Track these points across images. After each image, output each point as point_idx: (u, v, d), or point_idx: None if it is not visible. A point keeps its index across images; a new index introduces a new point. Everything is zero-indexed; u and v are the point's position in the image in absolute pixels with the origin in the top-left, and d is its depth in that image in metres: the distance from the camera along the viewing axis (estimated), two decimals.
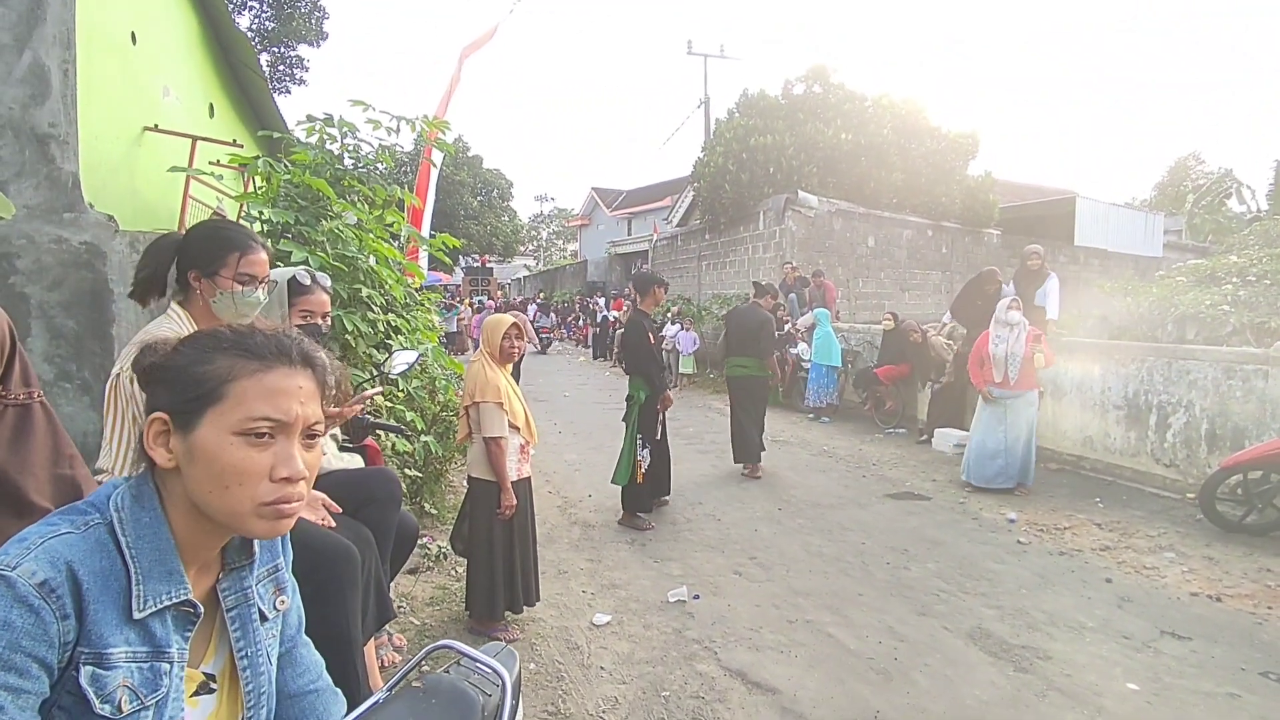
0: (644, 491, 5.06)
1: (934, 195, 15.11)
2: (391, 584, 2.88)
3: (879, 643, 3.32)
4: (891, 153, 14.43)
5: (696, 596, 3.82)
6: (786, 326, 10.61)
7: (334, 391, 0.95)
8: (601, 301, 19.40)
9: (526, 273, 43.41)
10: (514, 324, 3.35)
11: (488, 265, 34.06)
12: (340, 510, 2.18)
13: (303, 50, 18.61)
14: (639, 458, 5.00)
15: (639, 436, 5.04)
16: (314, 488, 2.07)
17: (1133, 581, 4.05)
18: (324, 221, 3.75)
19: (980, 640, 3.36)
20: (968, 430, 7.04)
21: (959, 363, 7.20)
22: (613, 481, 5.17)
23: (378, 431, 3.05)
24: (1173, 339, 11.77)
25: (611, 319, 17.66)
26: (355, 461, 2.64)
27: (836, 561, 4.34)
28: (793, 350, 9.97)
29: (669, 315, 14.28)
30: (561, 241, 50.66)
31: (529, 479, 3.51)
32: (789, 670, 3.10)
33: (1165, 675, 3.04)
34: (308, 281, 2.37)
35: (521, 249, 45.02)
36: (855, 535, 4.80)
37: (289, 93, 18.88)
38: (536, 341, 13.97)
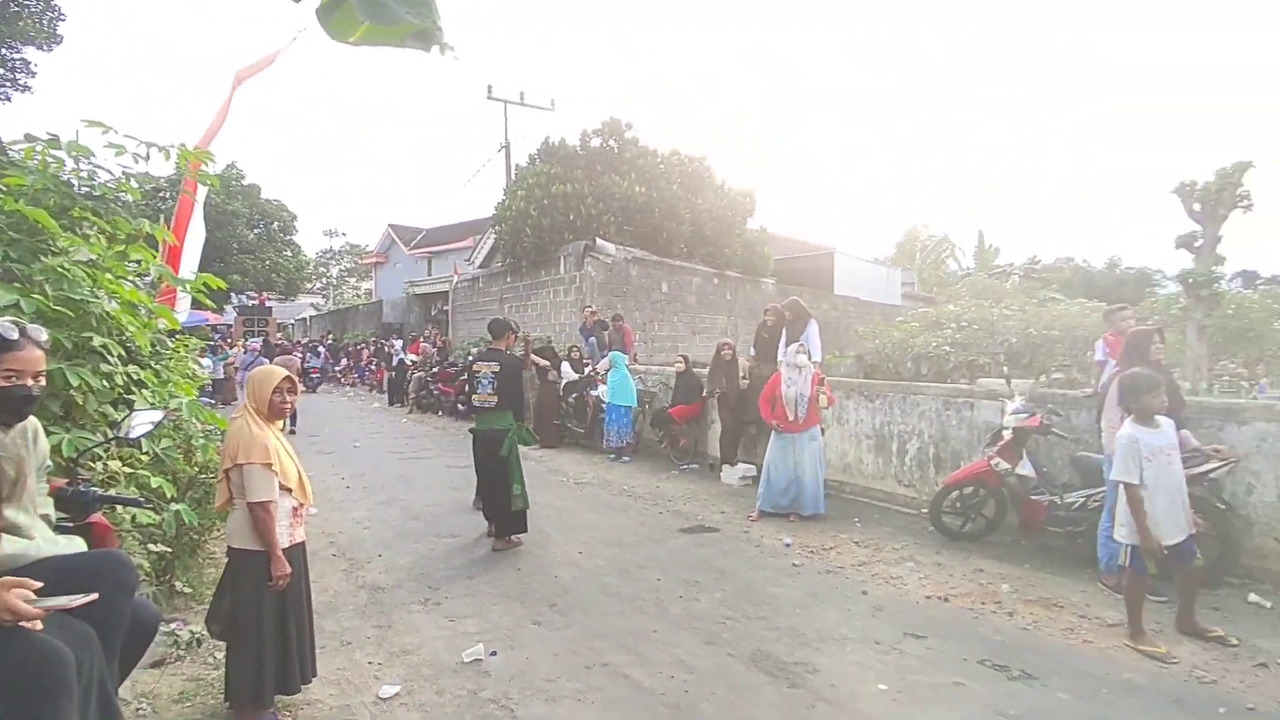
0: (520, 513, 5.59)
1: (718, 246, 16.50)
2: (125, 683, 2.46)
3: (671, 677, 3.45)
4: (681, 206, 15.55)
5: (494, 653, 3.71)
6: (586, 369, 10.86)
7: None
8: (398, 344, 18.42)
9: (314, 312, 40.04)
10: (286, 377, 3.08)
11: (266, 304, 30.93)
12: (45, 605, 1.83)
13: (30, 53, 16.01)
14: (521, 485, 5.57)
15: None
16: (23, 578, 1.73)
17: (883, 591, 4.63)
18: (43, 258, 3.20)
19: (760, 662, 3.62)
20: (752, 463, 7.67)
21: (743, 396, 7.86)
22: (514, 510, 5.56)
23: (108, 506, 2.62)
24: (912, 375, 13.86)
25: (409, 362, 16.84)
26: (76, 545, 2.24)
27: (633, 600, 4.46)
28: (593, 393, 10.21)
29: (469, 358, 13.95)
30: (354, 279, 47.54)
31: (303, 544, 3.21)
32: (585, 717, 3.11)
33: (908, 673, 3.49)
34: (14, 335, 2.01)
35: (308, 286, 41.53)
36: (651, 572, 4.98)
37: (8, 99, 16.03)
38: (306, 384, 13.03)
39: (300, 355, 19.31)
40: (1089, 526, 4.81)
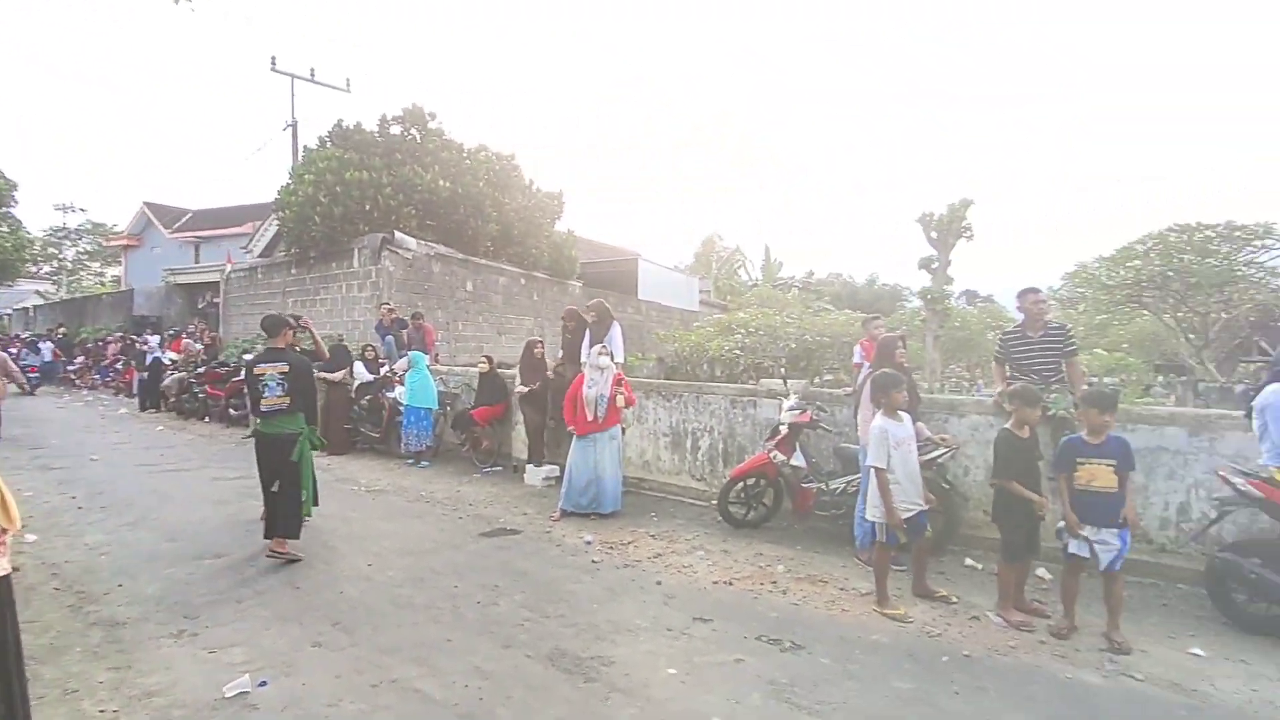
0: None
1: (526, 247, 16.39)
2: None
3: (465, 686, 3.35)
4: (488, 204, 15.22)
5: (263, 683, 3.35)
6: (383, 369, 10.22)
7: None
8: (154, 340, 15.94)
9: (40, 301, 33.46)
10: None
11: None
12: None
13: None
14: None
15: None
16: None
17: (676, 580, 4.88)
18: None
19: (558, 660, 3.64)
20: (557, 463, 7.70)
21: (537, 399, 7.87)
22: (305, 515, 5.40)
23: None
24: (707, 376, 14.80)
25: (166, 361, 14.68)
26: None
27: (427, 610, 4.27)
28: (389, 394, 9.64)
29: (246, 358, 12.50)
30: (98, 264, 40.40)
31: (7, 577, 2.66)
32: None
33: (695, 655, 3.71)
34: None
35: (32, 269, 34.62)
36: (448, 579, 4.80)
37: None
38: (24, 383, 10.85)
39: (14, 351, 16.07)
40: (848, 509, 5.46)
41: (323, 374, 8.73)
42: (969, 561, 5.18)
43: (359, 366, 10.09)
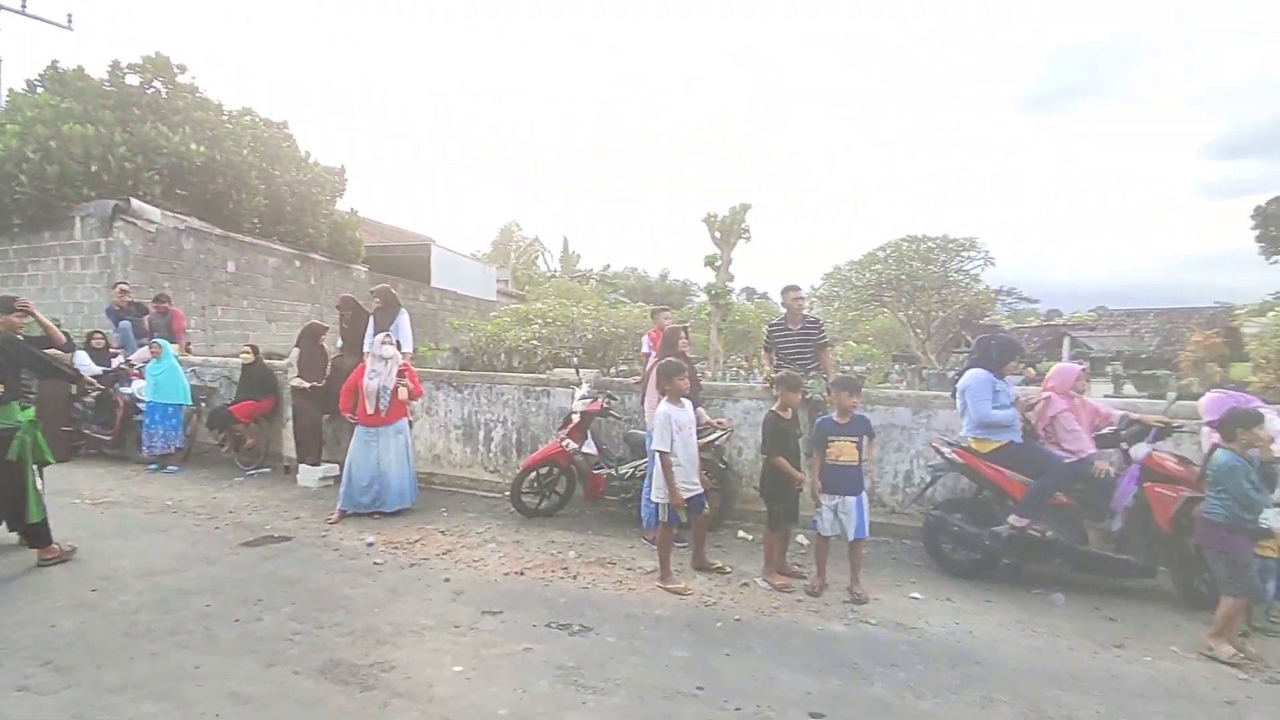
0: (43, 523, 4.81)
1: (301, 225, 14.90)
2: None
3: (217, 715, 2.98)
4: (254, 175, 13.58)
5: None
6: (117, 360, 8.72)
7: None
8: None
9: None
10: None
11: None
12: None
13: None
14: (39, 487, 4.83)
15: (34, 465, 4.83)
16: None
17: (465, 575, 4.75)
18: None
19: (331, 672, 3.37)
20: (337, 463, 7.12)
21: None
22: (30, 521, 4.79)
23: None
24: (505, 366, 14.58)
25: None
26: None
27: (173, 636, 3.73)
28: (125, 389, 8.25)
29: None
30: None
31: None
32: None
33: (483, 649, 3.65)
34: None
35: None
36: (200, 598, 4.23)
37: None
38: None
39: None
40: (636, 492, 5.70)
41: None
42: (742, 534, 5.66)
43: (81, 357, 8.50)
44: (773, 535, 4.69)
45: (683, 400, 4.75)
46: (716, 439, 5.55)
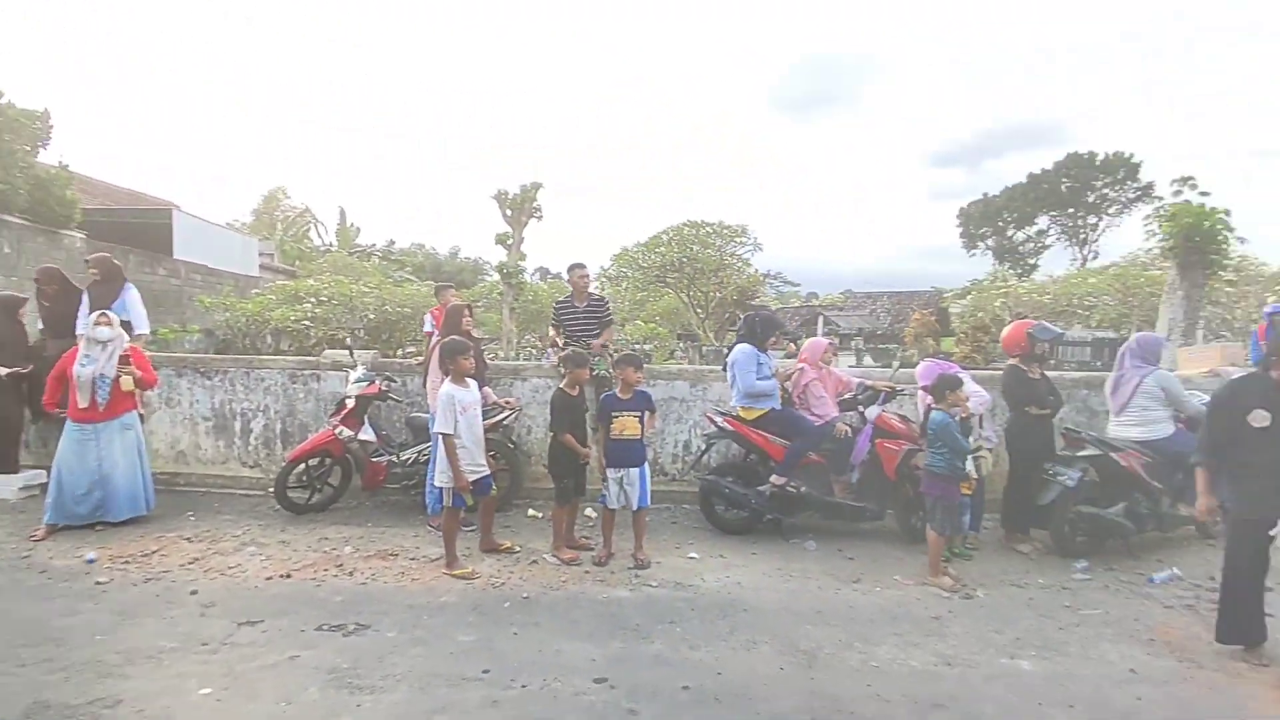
0: None
1: None
2: None
3: None
4: None
5: None
6: None
7: None
8: None
9: None
10: None
11: None
12: None
13: None
14: None
15: None
16: None
17: (218, 585, 4.21)
18: None
19: (40, 716, 2.81)
20: (45, 469, 5.90)
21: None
22: None
23: None
24: (272, 350, 13.09)
25: None
26: None
27: None
28: None
29: None
30: None
31: None
32: None
33: (238, 665, 3.26)
34: None
35: None
36: None
37: None
38: None
39: None
40: (420, 478, 5.44)
41: None
42: (531, 512, 5.66)
43: None
44: (560, 510, 4.75)
45: (467, 380, 4.60)
46: (504, 419, 5.47)
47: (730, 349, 5.60)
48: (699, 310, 19.35)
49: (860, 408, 5.39)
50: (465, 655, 3.38)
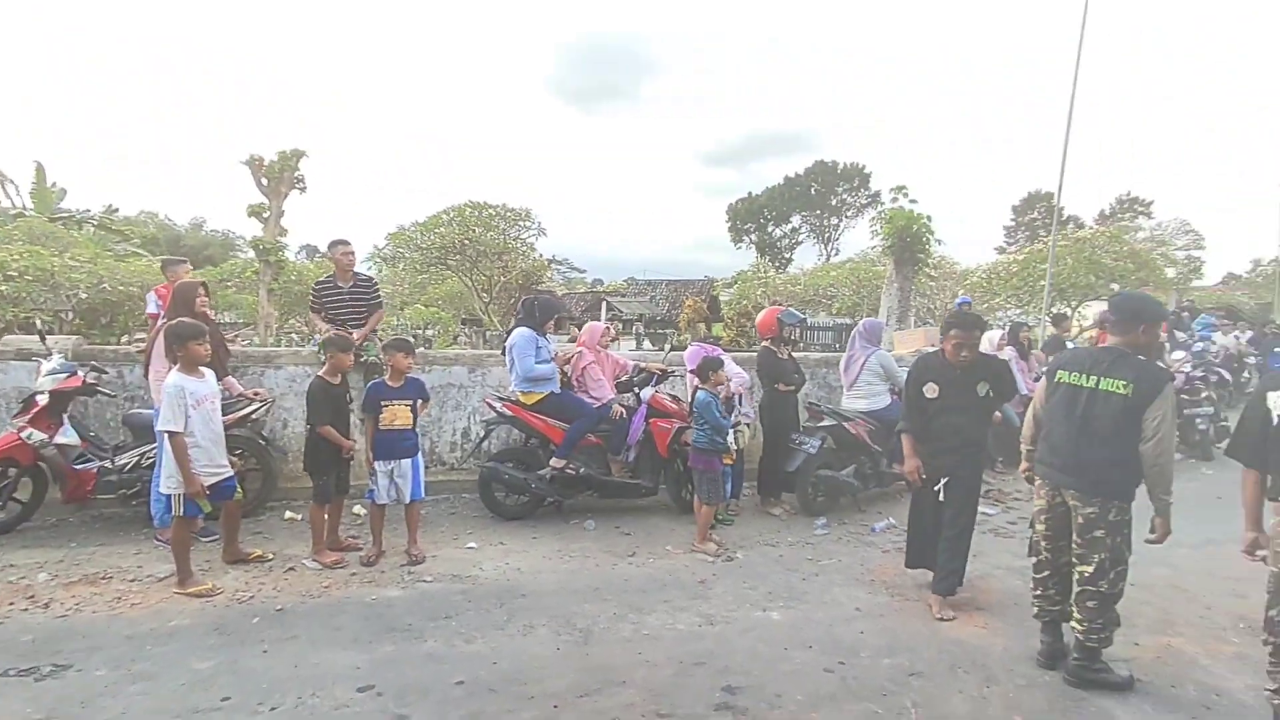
0: None
1: None
2: None
3: None
4: None
5: None
6: None
7: None
8: None
9: None
10: None
11: None
12: None
13: None
14: None
15: None
16: None
17: None
18: None
19: None
20: None
21: None
22: None
23: None
24: None
25: None
26: None
27: None
28: None
29: None
30: None
31: None
32: None
33: None
34: None
35: None
36: None
37: None
38: None
39: None
40: (143, 485, 4.64)
41: None
42: (289, 514, 5.12)
43: None
44: (319, 510, 4.34)
45: (201, 370, 4.01)
46: (252, 412, 4.86)
47: (508, 333, 5.51)
48: (484, 294, 18.86)
49: (635, 389, 5.62)
50: (202, 685, 2.96)
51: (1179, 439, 8.08)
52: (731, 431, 5.06)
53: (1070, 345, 8.22)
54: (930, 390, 3.85)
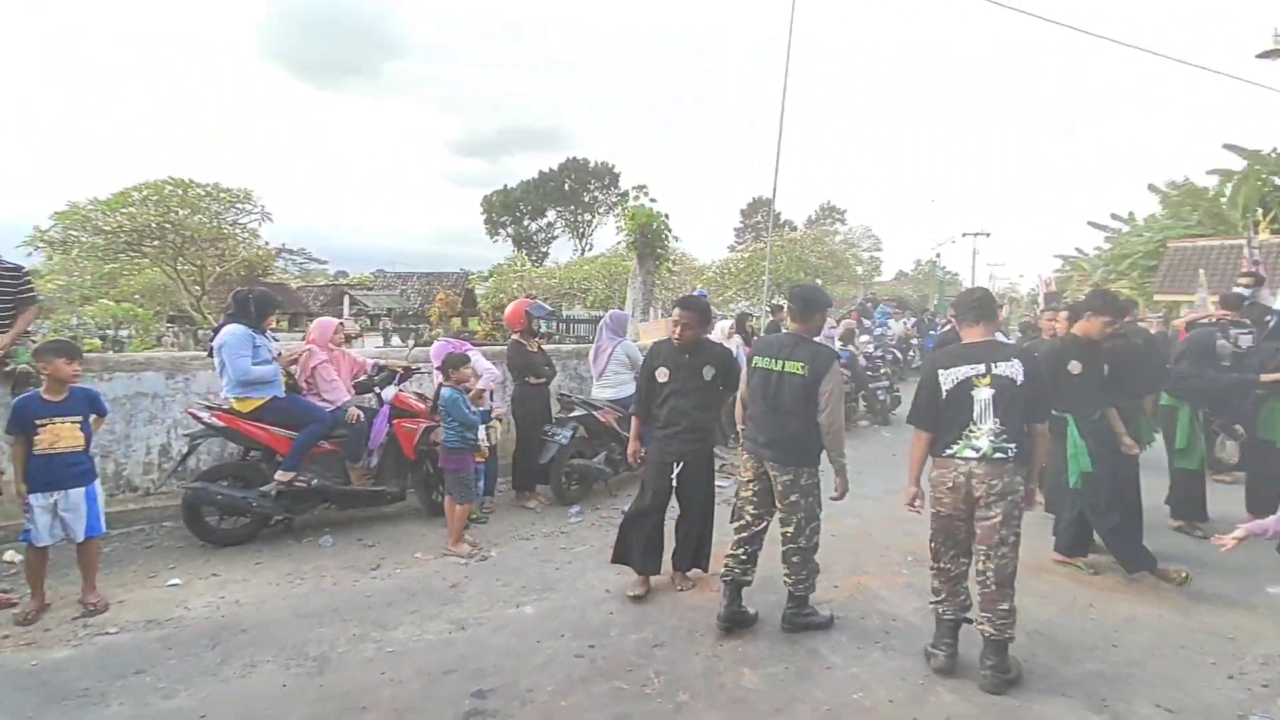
0: None
1: None
2: None
3: None
4: None
5: None
6: None
7: None
8: None
9: None
10: None
11: None
12: None
13: None
14: None
15: None
16: None
17: None
18: None
19: None
20: None
21: None
22: None
23: None
24: None
25: None
26: None
27: None
28: None
29: None
30: None
31: None
32: None
33: None
34: None
35: None
36: None
37: None
38: None
39: None
40: None
41: None
42: None
43: None
44: None
45: None
46: None
47: (216, 331, 4.78)
48: (194, 288, 16.20)
49: (376, 389, 5.23)
50: None
51: (865, 408, 9.69)
52: (483, 428, 4.94)
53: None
54: (661, 375, 3.94)
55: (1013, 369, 3.10)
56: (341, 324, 5.30)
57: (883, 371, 10.29)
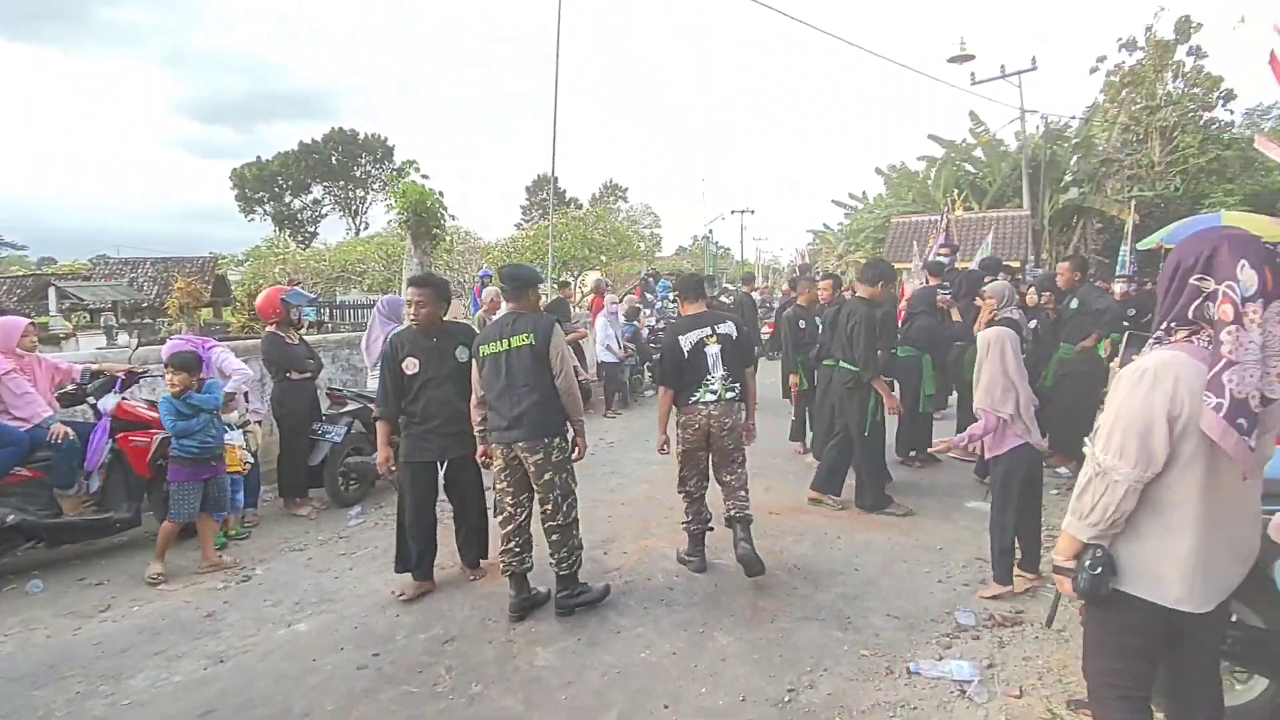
0: None
1: None
2: None
3: None
4: None
5: None
6: None
7: None
8: None
9: None
10: None
11: None
12: None
13: None
14: None
15: None
16: None
17: None
18: None
19: None
20: None
21: None
22: None
23: None
24: None
25: None
26: None
27: None
28: None
29: None
30: None
31: None
32: None
33: None
34: None
35: None
36: None
37: None
38: None
39: None
40: None
41: None
42: None
43: None
44: None
45: None
46: None
47: None
48: None
49: (91, 399, 4.40)
50: None
51: (650, 378, 10.17)
52: (239, 433, 4.39)
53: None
54: (410, 365, 3.66)
55: (729, 328, 3.85)
56: (32, 324, 4.36)
57: None
